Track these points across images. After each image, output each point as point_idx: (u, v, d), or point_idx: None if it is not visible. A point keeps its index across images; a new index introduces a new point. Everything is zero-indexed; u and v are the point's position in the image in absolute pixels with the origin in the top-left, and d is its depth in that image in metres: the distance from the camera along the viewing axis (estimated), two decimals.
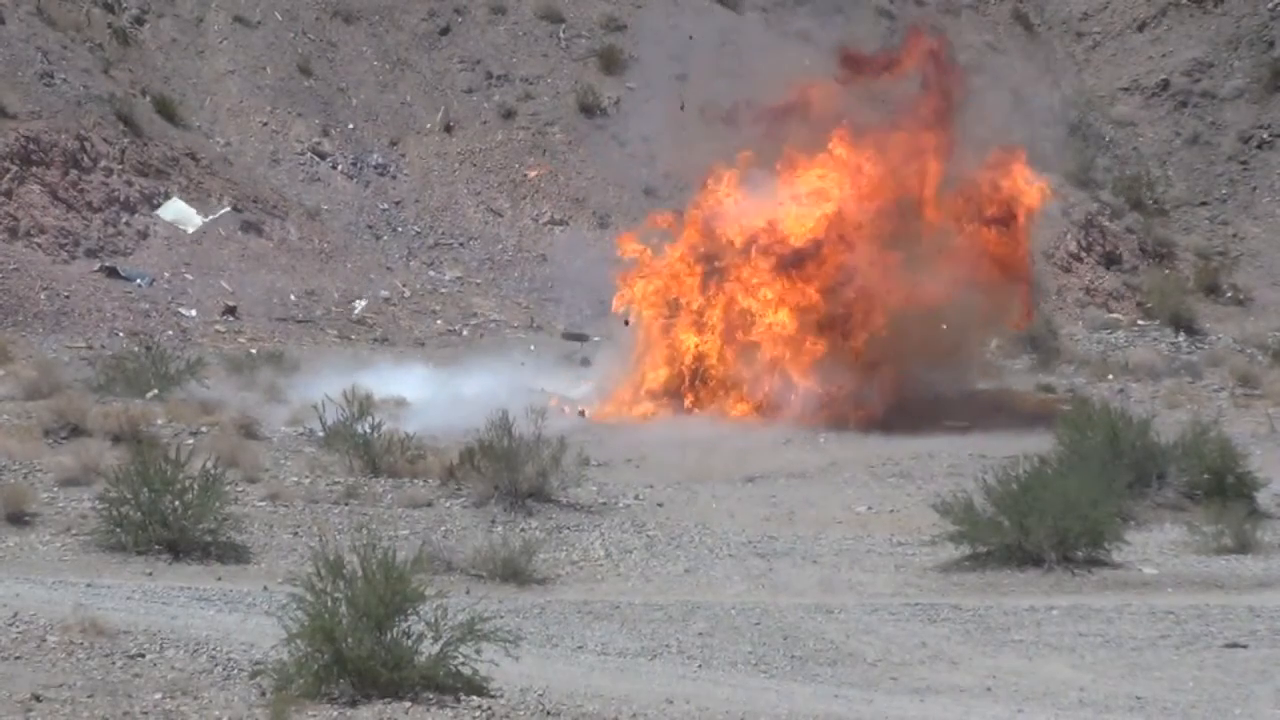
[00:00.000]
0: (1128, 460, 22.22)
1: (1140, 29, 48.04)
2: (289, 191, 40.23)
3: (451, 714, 11.86)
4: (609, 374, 31.55)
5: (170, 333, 33.72)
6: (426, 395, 29.17)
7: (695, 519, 21.34)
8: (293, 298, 36.87)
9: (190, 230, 35.74)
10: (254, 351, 33.01)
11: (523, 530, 20.13)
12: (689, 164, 33.43)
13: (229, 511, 19.07)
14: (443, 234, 41.06)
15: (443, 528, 20.11)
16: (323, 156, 41.66)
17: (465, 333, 37.21)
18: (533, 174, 41.10)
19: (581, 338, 35.56)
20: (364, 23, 44.49)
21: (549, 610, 17.04)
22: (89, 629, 13.11)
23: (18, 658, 12.58)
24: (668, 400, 30.51)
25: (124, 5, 42.43)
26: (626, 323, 31.30)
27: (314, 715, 11.65)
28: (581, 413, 29.31)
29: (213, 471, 18.91)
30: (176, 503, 18.53)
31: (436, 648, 12.18)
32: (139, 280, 35.53)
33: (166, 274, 36.19)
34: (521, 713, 12.00)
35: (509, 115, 43.49)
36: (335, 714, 11.74)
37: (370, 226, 40.62)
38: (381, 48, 44.08)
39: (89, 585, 16.60)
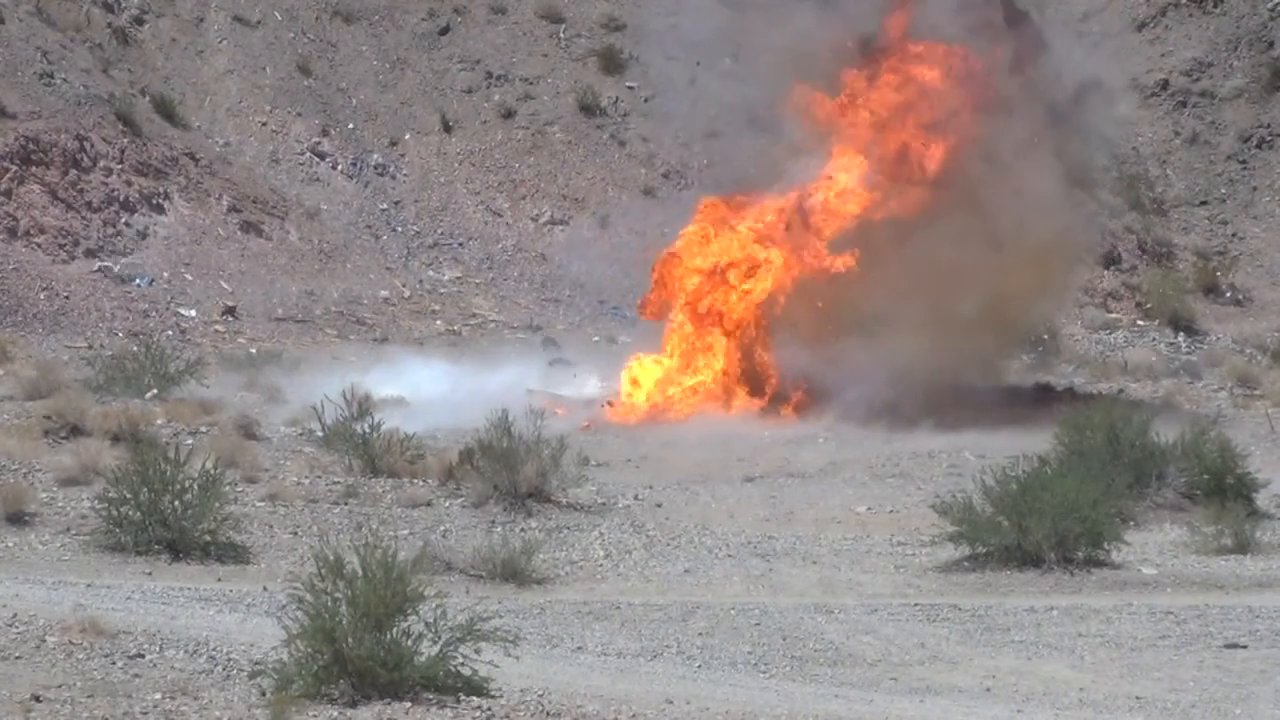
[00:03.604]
0: (1127, 460, 22.23)
1: (1140, 29, 48.00)
2: (289, 191, 40.23)
3: (451, 714, 11.86)
4: (615, 375, 31.44)
5: (170, 333, 33.72)
6: (444, 391, 29.16)
7: (695, 519, 21.34)
8: (292, 298, 36.88)
9: None
10: (254, 351, 33.03)
11: (522, 530, 20.13)
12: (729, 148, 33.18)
13: (229, 512, 19.08)
14: (442, 234, 41.06)
15: (442, 528, 20.12)
16: (322, 156, 41.66)
17: (464, 333, 37.21)
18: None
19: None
20: (364, 23, 44.48)
21: (549, 610, 17.04)
22: (89, 629, 13.12)
23: (18, 658, 12.59)
24: (699, 399, 30.26)
25: (124, 5, 42.41)
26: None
27: (314, 715, 11.66)
28: (586, 426, 28.42)
29: (212, 472, 18.91)
30: (176, 503, 18.54)
31: (436, 648, 12.18)
32: (138, 280, 35.53)
33: (166, 274, 36.20)
34: (521, 713, 12.00)
35: (509, 115, 43.48)
36: (335, 714, 11.75)
37: (370, 226, 40.63)
38: (381, 48, 44.07)
39: (89, 585, 16.61)
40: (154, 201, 37.62)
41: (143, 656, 12.80)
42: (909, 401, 28.25)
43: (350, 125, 42.45)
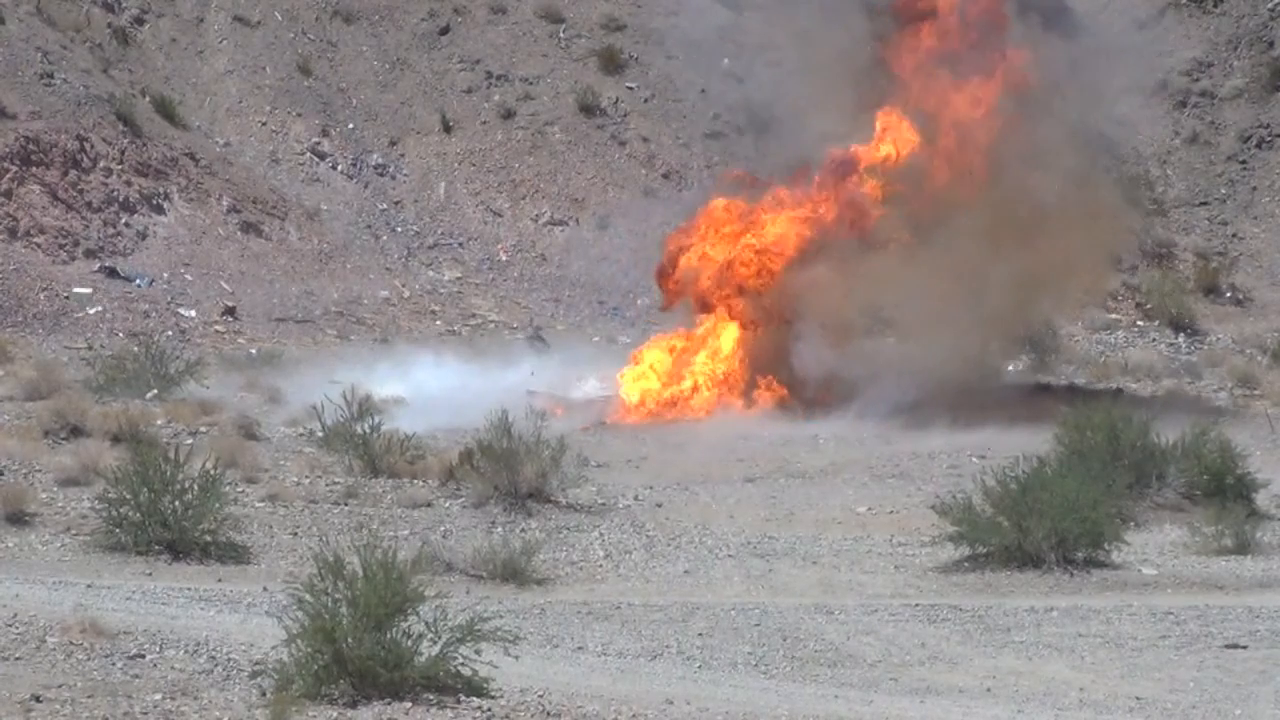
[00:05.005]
0: (1127, 461, 22.22)
1: (1140, 29, 47.97)
2: (288, 192, 40.23)
3: (451, 714, 11.87)
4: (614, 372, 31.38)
5: (170, 333, 33.72)
6: (453, 388, 29.17)
7: (695, 520, 21.34)
8: (292, 298, 36.89)
9: None
10: (254, 352, 33.04)
11: (522, 531, 20.14)
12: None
13: (228, 512, 19.08)
14: (442, 234, 41.07)
15: (442, 528, 20.12)
16: (322, 157, 41.66)
17: (464, 333, 37.22)
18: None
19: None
20: (364, 23, 44.48)
21: (549, 611, 17.05)
22: (89, 629, 13.13)
23: (18, 658, 12.59)
24: (716, 395, 30.11)
25: (124, 5, 42.41)
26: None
27: (314, 715, 11.66)
28: (587, 427, 28.25)
29: (212, 472, 18.92)
30: (176, 503, 18.55)
31: (436, 648, 12.19)
32: (139, 280, 35.54)
33: (166, 274, 36.20)
34: (522, 713, 12.01)
35: (509, 115, 43.47)
36: (335, 714, 11.75)
37: (370, 227, 40.63)
38: (381, 48, 44.07)
39: (89, 585, 16.61)
40: (154, 202, 37.62)
41: (143, 657, 12.80)
42: (931, 400, 28.21)
43: (350, 125, 42.46)
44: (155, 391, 26.91)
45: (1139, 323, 40.18)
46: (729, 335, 30.52)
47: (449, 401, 27.62)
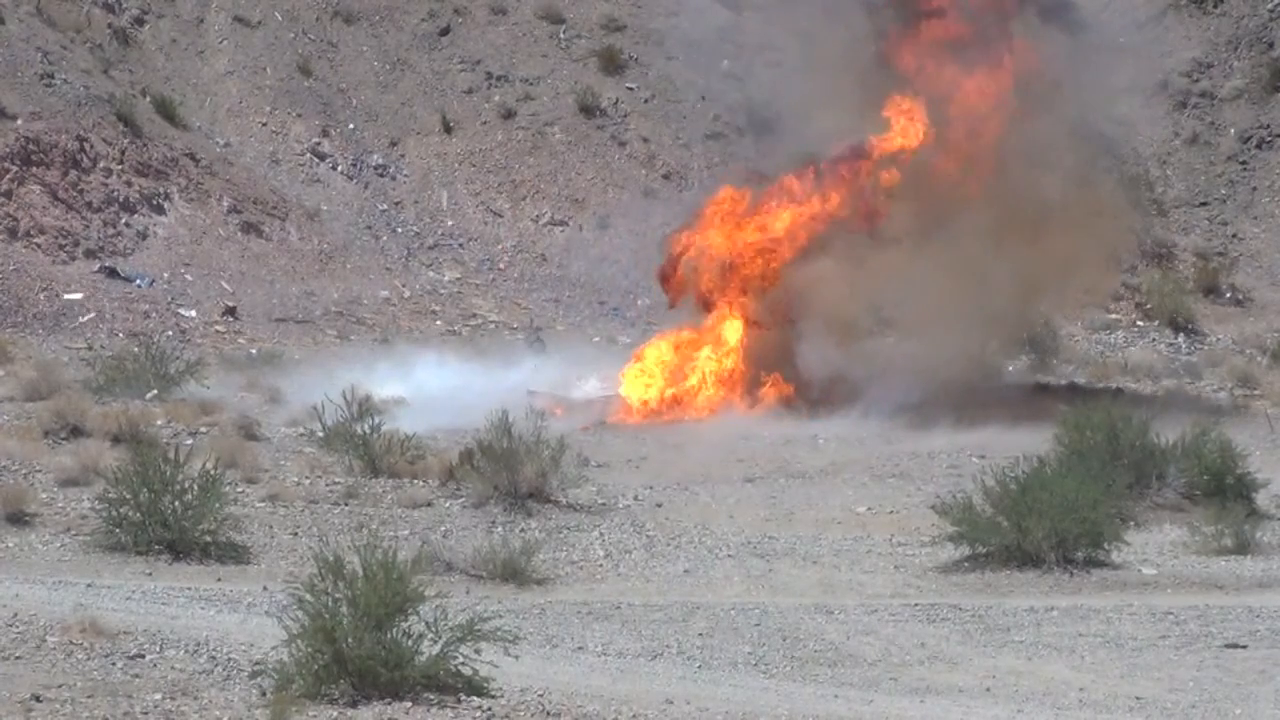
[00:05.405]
0: (1127, 461, 22.23)
1: (1140, 29, 47.97)
2: (289, 192, 40.23)
3: (451, 714, 11.88)
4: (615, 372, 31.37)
5: (170, 333, 33.72)
6: (456, 387, 29.18)
7: (695, 520, 21.34)
8: (293, 298, 36.89)
9: None
10: (254, 352, 33.04)
11: (522, 531, 20.14)
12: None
13: (229, 512, 19.09)
14: (442, 235, 41.07)
15: (442, 528, 20.13)
16: (322, 157, 41.66)
17: (464, 333, 37.22)
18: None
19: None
20: (364, 23, 44.48)
21: (549, 611, 17.06)
22: (89, 629, 13.14)
23: (18, 658, 12.60)
24: (720, 394, 30.06)
25: (124, 5, 42.41)
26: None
27: (314, 715, 11.67)
28: (586, 428, 28.07)
29: (212, 472, 18.93)
30: (176, 503, 18.56)
31: (436, 648, 12.20)
32: (139, 281, 35.54)
33: (166, 274, 36.21)
34: (522, 713, 12.01)
35: (509, 115, 43.48)
36: (335, 714, 11.76)
37: (370, 227, 40.63)
38: (381, 48, 44.08)
39: (89, 585, 16.62)
40: (154, 202, 37.62)
41: (143, 656, 12.80)
42: (934, 400, 28.20)
43: (350, 126, 42.46)
44: (155, 392, 26.91)
45: (1139, 323, 40.19)
46: (733, 330, 30.52)
47: (450, 402, 27.62)
